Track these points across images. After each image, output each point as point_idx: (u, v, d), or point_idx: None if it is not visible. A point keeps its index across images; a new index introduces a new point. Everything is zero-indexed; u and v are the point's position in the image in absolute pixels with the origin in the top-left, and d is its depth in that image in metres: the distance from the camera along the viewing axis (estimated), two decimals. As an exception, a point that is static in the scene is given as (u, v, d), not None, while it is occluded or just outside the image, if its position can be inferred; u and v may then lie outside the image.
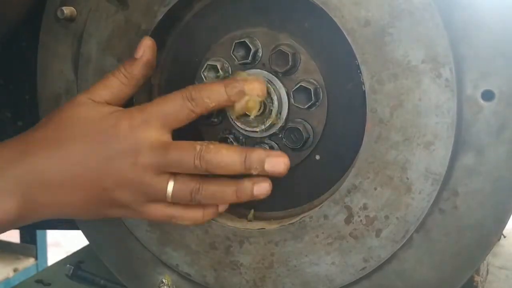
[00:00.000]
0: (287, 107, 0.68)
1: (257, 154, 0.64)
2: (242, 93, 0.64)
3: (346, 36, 0.60)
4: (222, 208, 0.69)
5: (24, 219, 0.65)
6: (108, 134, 0.65)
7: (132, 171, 0.64)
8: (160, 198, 0.66)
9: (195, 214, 0.68)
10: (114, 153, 0.64)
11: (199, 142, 0.65)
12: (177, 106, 0.65)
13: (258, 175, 0.65)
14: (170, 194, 0.65)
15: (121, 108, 0.68)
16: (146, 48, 0.69)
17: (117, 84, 0.68)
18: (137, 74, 0.69)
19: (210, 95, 0.64)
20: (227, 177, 0.66)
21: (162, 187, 0.65)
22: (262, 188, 0.66)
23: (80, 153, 0.65)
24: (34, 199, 0.65)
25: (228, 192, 0.66)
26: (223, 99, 0.65)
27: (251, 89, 0.65)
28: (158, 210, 0.67)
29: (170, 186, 0.65)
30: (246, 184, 0.65)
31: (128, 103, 0.71)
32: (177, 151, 0.64)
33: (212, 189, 0.66)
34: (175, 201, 0.66)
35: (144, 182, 0.65)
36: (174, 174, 0.65)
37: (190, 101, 0.64)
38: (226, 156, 0.64)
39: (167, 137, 0.65)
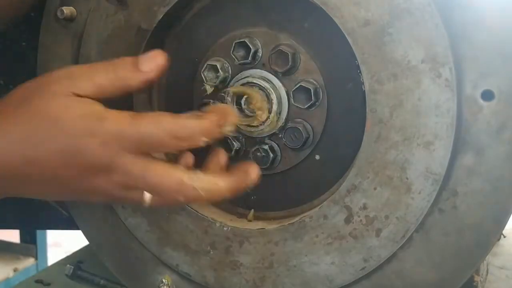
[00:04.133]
0: (287, 107, 0.68)
1: (242, 181, 0.62)
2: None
3: (346, 36, 0.60)
4: None
5: None
6: (80, 147, 0.58)
7: (105, 185, 0.60)
8: (136, 204, 0.63)
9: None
10: (85, 166, 0.59)
11: (182, 172, 0.60)
12: (161, 141, 0.58)
13: None
14: (148, 204, 0.61)
15: (98, 113, 0.59)
16: (157, 66, 0.61)
17: (105, 82, 0.60)
18: (132, 86, 0.61)
19: (204, 134, 0.59)
20: None
21: (138, 198, 0.61)
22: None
23: (50, 157, 0.59)
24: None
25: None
26: (215, 137, 0.60)
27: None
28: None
29: (148, 197, 0.61)
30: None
31: (128, 99, 0.70)
32: (157, 181, 0.59)
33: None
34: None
35: (118, 194, 0.61)
36: None
37: (180, 141, 0.58)
38: (216, 193, 0.60)
39: (142, 157, 0.59)
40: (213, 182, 0.60)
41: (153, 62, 0.61)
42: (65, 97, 0.59)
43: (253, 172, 0.63)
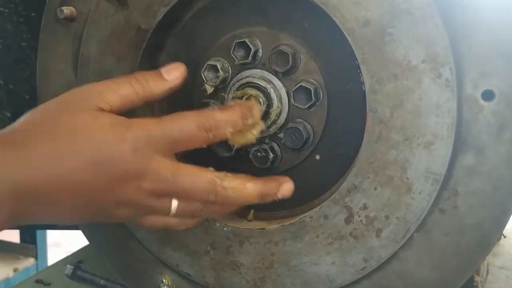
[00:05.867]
0: (287, 107, 0.68)
1: (272, 188, 0.63)
2: (253, 123, 0.62)
3: (346, 36, 0.60)
4: None
5: (9, 225, 0.59)
6: (111, 155, 0.58)
7: (135, 195, 0.60)
8: (162, 215, 0.63)
9: (193, 222, 0.66)
10: (116, 176, 0.58)
11: (214, 173, 0.61)
12: (189, 134, 0.60)
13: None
14: (173, 213, 0.62)
15: (125, 122, 0.60)
16: (181, 74, 0.64)
17: (130, 94, 0.61)
18: (158, 94, 0.63)
19: (230, 126, 0.60)
20: None
21: (165, 207, 0.61)
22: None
23: (79, 172, 0.58)
24: (24, 210, 0.58)
25: (229, 208, 0.65)
26: (239, 128, 0.61)
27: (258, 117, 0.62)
28: (156, 221, 0.64)
29: (174, 206, 0.61)
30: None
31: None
32: (188, 181, 0.60)
33: (215, 208, 0.63)
34: (177, 217, 0.64)
35: (146, 203, 0.61)
36: None
37: (207, 132, 0.59)
38: (245, 194, 0.61)
39: (172, 159, 0.60)
40: (241, 182, 0.61)
41: (177, 71, 0.64)
42: (91, 111, 0.59)
43: (285, 183, 0.64)
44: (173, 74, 0.64)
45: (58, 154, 0.58)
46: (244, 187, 0.61)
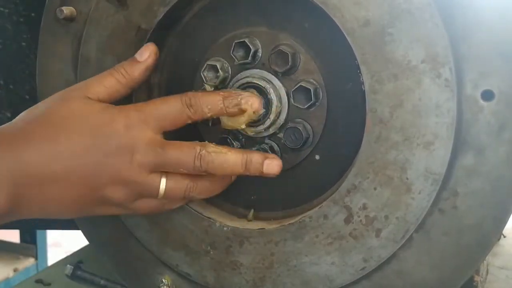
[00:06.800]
0: (286, 107, 0.68)
1: (256, 157, 0.66)
2: (239, 109, 0.65)
3: (346, 36, 0.60)
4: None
5: (8, 216, 0.62)
6: (104, 132, 0.64)
7: (127, 170, 0.64)
8: (151, 196, 0.67)
9: (183, 201, 0.71)
10: (109, 151, 0.63)
11: (197, 142, 0.66)
12: (175, 111, 0.65)
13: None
14: (162, 193, 0.66)
15: (115, 106, 0.66)
16: (151, 52, 0.69)
17: (113, 83, 0.68)
18: (137, 77, 0.69)
19: (209, 104, 0.65)
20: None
21: (155, 185, 0.65)
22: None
23: (73, 149, 0.63)
24: (22, 195, 0.61)
25: (219, 185, 0.69)
26: (220, 110, 0.65)
27: (248, 105, 0.65)
28: (146, 204, 0.68)
29: (163, 184, 0.66)
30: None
31: (127, 102, 0.71)
32: (176, 151, 0.64)
33: (205, 184, 0.68)
34: (166, 198, 0.67)
35: (137, 180, 0.64)
36: (166, 172, 0.66)
37: (189, 108, 0.65)
38: (228, 159, 0.65)
39: (161, 137, 0.66)
40: (225, 148, 0.66)
41: (147, 51, 0.69)
42: (83, 99, 0.66)
43: (272, 158, 0.67)
44: (145, 54, 0.69)
45: (54, 138, 0.63)
46: (228, 152, 0.65)
